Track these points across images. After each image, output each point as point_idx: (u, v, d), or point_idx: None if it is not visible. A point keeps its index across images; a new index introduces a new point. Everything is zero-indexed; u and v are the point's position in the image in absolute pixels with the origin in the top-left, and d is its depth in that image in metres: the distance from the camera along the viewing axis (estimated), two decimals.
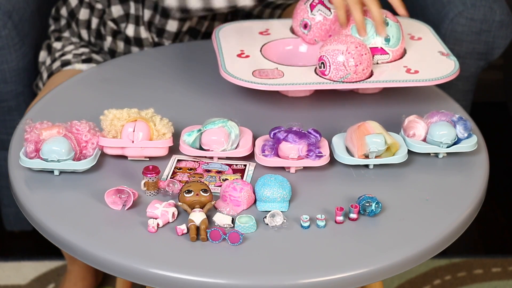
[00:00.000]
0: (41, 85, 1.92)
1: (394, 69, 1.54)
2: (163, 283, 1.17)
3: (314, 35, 1.62)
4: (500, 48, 2.05)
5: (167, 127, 1.39)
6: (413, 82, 1.50)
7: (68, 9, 1.97)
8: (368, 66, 1.49)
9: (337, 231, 1.25)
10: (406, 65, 1.55)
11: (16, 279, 2.13)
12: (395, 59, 1.56)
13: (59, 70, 1.84)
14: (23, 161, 1.35)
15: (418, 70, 1.52)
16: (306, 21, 1.61)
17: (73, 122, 1.39)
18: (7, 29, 1.96)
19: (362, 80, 1.49)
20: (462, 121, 1.42)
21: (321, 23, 1.60)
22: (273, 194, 1.28)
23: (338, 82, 1.48)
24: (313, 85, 1.49)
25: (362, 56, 1.48)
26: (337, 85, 1.49)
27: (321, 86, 1.49)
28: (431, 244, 1.24)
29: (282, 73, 1.51)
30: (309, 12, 1.61)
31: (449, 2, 2.05)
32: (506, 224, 2.38)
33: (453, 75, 1.51)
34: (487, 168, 1.41)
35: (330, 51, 1.48)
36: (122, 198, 1.29)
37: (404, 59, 1.57)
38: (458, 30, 2.02)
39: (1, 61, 1.99)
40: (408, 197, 1.33)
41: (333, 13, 1.60)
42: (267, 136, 1.41)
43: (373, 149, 1.35)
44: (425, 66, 1.54)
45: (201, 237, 1.22)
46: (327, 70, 1.48)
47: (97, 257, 1.21)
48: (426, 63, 1.55)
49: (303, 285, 1.17)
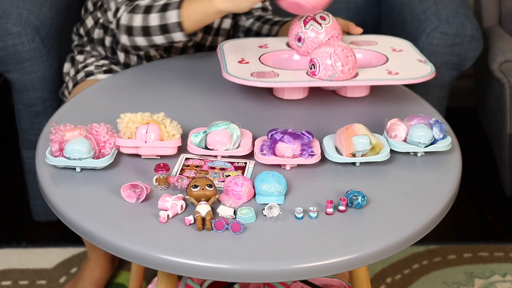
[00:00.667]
0: (66, 93, 1.91)
1: (377, 71, 1.55)
2: (172, 267, 1.16)
3: (307, 47, 1.61)
4: (471, 59, 2.04)
5: (176, 129, 1.38)
6: (394, 81, 1.51)
7: (85, 29, 1.97)
8: (353, 67, 1.50)
9: (327, 221, 1.24)
10: (388, 68, 1.55)
11: (43, 263, 2.12)
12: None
13: (83, 80, 1.83)
14: (48, 159, 1.34)
15: (398, 72, 1.53)
16: (300, 35, 1.61)
17: (93, 125, 1.38)
18: (35, 42, 1.96)
19: (348, 79, 1.49)
20: (438, 124, 1.41)
21: (313, 37, 1.60)
22: (270, 188, 1.27)
23: (327, 81, 1.49)
24: (304, 83, 1.50)
25: (348, 58, 1.49)
26: (325, 83, 1.50)
27: (311, 84, 1.50)
28: (410, 233, 1.23)
29: (277, 74, 1.52)
30: (303, 27, 1.61)
31: (426, 19, 2.04)
32: (476, 215, 2.37)
33: (430, 76, 1.52)
34: (460, 166, 1.40)
35: (320, 53, 1.50)
36: (136, 192, 1.28)
37: (386, 64, 1.58)
38: (434, 44, 2.02)
39: (30, 70, 1.99)
40: (391, 191, 1.32)
41: (324, 28, 1.60)
42: (265, 137, 1.41)
43: (359, 149, 1.34)
44: (405, 69, 1.55)
45: (207, 227, 1.21)
46: (317, 70, 1.50)
47: (114, 245, 1.20)
48: (406, 68, 1.56)
49: (297, 270, 1.16)
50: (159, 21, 1.59)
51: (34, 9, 1.99)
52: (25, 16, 1.96)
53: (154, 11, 1.60)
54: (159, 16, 1.59)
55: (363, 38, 1.71)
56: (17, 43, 1.95)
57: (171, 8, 1.58)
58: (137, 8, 1.62)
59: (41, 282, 2.06)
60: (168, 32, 1.60)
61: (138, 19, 1.61)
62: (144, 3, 1.64)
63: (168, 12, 1.58)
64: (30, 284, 2.05)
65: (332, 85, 1.51)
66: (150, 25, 1.61)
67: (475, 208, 2.41)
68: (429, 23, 2.02)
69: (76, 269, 2.10)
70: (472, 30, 2.00)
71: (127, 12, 1.63)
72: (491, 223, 2.34)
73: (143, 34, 1.62)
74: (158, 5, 1.61)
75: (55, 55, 2.03)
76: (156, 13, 1.60)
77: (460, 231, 2.22)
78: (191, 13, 1.58)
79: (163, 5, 1.60)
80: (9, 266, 2.11)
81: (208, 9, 1.55)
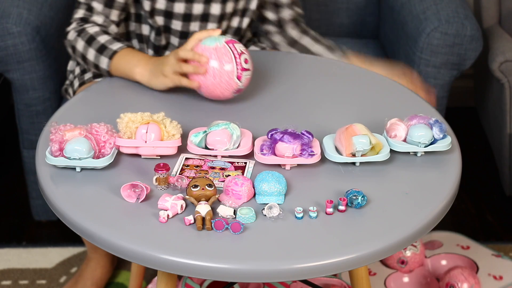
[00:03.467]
0: (71, 91, 1.90)
1: None
2: (172, 267, 1.16)
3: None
4: (471, 59, 2.04)
5: (176, 129, 1.38)
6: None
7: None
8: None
9: (327, 221, 1.24)
10: None
11: (43, 263, 2.12)
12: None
13: (90, 80, 1.83)
14: (48, 159, 1.34)
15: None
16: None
17: (93, 125, 1.38)
18: (35, 42, 1.96)
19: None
20: (438, 124, 1.41)
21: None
22: (270, 188, 1.27)
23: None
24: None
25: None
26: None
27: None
28: (410, 233, 1.23)
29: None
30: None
31: (426, 19, 2.04)
32: (476, 215, 2.37)
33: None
34: (460, 166, 1.40)
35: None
36: (136, 192, 1.28)
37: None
38: (434, 44, 2.01)
39: (30, 70, 1.99)
40: (390, 191, 1.32)
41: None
42: (265, 137, 1.41)
43: (359, 149, 1.34)
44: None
45: (207, 227, 1.21)
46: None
47: (113, 244, 1.19)
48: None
49: (297, 269, 1.16)
50: (93, 59, 1.68)
51: (34, 9, 1.99)
52: (25, 16, 1.96)
53: (93, 47, 1.68)
54: (95, 54, 1.68)
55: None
56: (17, 43, 1.95)
57: (104, 54, 1.67)
58: (83, 33, 1.70)
59: (41, 281, 2.06)
60: (99, 70, 1.70)
61: (81, 45, 1.70)
62: (91, 31, 1.70)
63: (102, 57, 1.67)
64: (30, 284, 2.05)
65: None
66: (87, 57, 1.69)
67: (475, 208, 2.41)
68: (429, 23, 2.02)
69: (76, 269, 2.10)
70: (472, 30, 2.00)
71: (75, 31, 1.71)
72: (491, 223, 2.34)
73: (82, 59, 1.72)
74: (98, 42, 1.68)
75: (55, 55, 2.03)
76: (94, 50, 1.68)
77: (460, 231, 2.21)
78: (118, 68, 1.66)
79: (101, 46, 1.68)
80: (9, 266, 2.11)
81: (130, 75, 1.65)
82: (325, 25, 2.45)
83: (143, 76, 1.62)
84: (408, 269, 1.91)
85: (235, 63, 1.50)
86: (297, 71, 1.71)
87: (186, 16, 1.76)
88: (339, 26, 2.46)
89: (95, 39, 1.68)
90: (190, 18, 1.76)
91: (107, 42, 1.68)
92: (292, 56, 1.80)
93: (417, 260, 1.91)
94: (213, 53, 1.50)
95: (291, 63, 1.73)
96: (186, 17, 1.76)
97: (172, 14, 1.76)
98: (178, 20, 1.76)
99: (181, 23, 1.77)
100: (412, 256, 1.90)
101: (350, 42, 2.37)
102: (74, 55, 1.73)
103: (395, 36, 2.22)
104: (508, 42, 2.29)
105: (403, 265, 1.90)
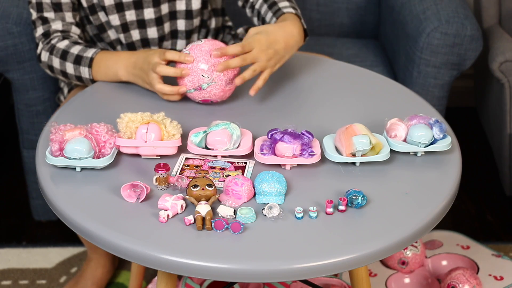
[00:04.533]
0: (62, 98, 1.91)
1: None
2: (172, 267, 1.16)
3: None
4: (471, 59, 2.04)
5: (177, 128, 1.38)
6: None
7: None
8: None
9: (327, 221, 1.24)
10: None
11: (43, 263, 2.12)
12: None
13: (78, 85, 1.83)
14: (48, 159, 1.34)
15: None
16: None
17: (93, 125, 1.38)
18: (35, 42, 1.96)
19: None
20: (438, 124, 1.41)
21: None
22: (270, 188, 1.27)
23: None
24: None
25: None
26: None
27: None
28: (410, 233, 1.23)
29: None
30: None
31: (426, 19, 2.04)
32: (476, 215, 2.37)
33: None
34: (460, 166, 1.40)
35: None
36: (136, 192, 1.28)
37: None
38: (434, 43, 2.01)
39: (30, 70, 1.99)
40: (390, 191, 1.32)
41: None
42: (265, 137, 1.41)
43: (359, 148, 1.34)
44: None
45: (207, 227, 1.21)
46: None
47: (113, 244, 1.19)
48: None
49: (297, 270, 1.16)
50: (73, 71, 1.68)
51: None
52: (25, 16, 1.96)
53: (69, 60, 1.67)
54: (73, 67, 1.67)
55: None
56: (17, 43, 1.95)
57: (83, 64, 1.66)
58: (54, 50, 1.69)
59: (41, 281, 2.06)
60: (83, 81, 1.69)
61: (57, 63, 1.69)
62: (62, 46, 1.69)
63: (81, 67, 1.66)
64: (30, 284, 2.05)
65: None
66: (67, 72, 1.69)
67: (475, 208, 2.41)
68: (429, 23, 2.02)
69: (76, 269, 2.10)
70: (472, 30, 2.00)
71: (46, 51, 1.70)
72: (491, 223, 2.34)
73: (62, 75, 1.71)
74: (72, 54, 1.67)
75: None
76: (71, 63, 1.67)
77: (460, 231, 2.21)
78: (100, 74, 1.66)
79: (76, 57, 1.67)
80: (9, 266, 2.11)
81: (114, 79, 1.65)
82: (325, 25, 2.45)
83: (129, 79, 1.63)
84: (409, 270, 1.91)
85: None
86: (297, 71, 1.71)
87: (118, 5, 1.74)
88: (339, 26, 2.46)
89: (68, 52, 1.68)
90: (123, 7, 1.74)
91: (81, 51, 1.67)
92: (292, 56, 1.80)
93: (418, 261, 1.91)
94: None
95: (291, 63, 1.73)
96: (118, 7, 1.74)
97: (105, 8, 1.74)
98: (113, 14, 1.75)
99: (116, 15, 1.75)
100: (412, 257, 1.90)
101: (350, 42, 2.38)
102: (54, 74, 1.72)
103: (395, 36, 2.22)
104: (508, 42, 2.29)
105: (403, 265, 1.90)
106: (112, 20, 1.76)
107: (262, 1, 1.79)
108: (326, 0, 2.43)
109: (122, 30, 1.77)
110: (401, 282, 1.90)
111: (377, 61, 2.25)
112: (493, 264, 1.93)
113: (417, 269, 1.92)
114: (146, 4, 1.76)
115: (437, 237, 2.06)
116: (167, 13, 1.79)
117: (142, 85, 1.61)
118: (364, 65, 2.19)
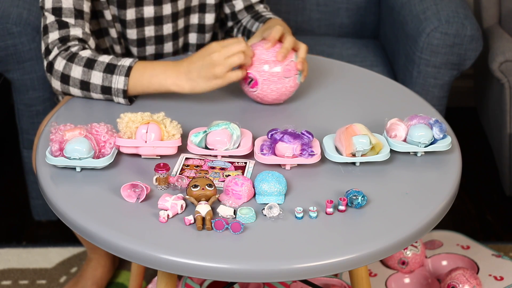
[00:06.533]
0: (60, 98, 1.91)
1: None
2: (172, 267, 1.16)
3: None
4: (471, 59, 2.04)
5: (177, 128, 1.38)
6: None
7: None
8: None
9: (327, 221, 1.24)
10: None
11: (43, 263, 2.12)
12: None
13: None
14: (49, 159, 1.34)
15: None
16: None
17: (93, 124, 1.38)
18: (35, 42, 1.96)
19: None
20: (438, 124, 1.41)
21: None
22: (270, 188, 1.27)
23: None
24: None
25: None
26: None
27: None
28: (410, 233, 1.23)
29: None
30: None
31: (426, 19, 2.04)
32: (476, 215, 2.37)
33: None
34: (460, 166, 1.40)
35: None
36: (136, 192, 1.28)
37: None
38: (434, 43, 2.02)
39: (30, 70, 1.99)
40: (391, 191, 1.32)
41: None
42: (265, 137, 1.41)
43: (359, 148, 1.34)
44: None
45: (207, 227, 1.21)
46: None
47: (114, 244, 1.19)
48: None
49: (297, 270, 1.16)
50: (101, 81, 1.53)
51: (34, 9, 1.99)
52: (25, 16, 1.96)
53: (98, 69, 1.53)
54: (102, 76, 1.52)
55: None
56: (17, 43, 1.95)
57: (118, 73, 1.52)
58: (77, 59, 1.54)
59: (41, 281, 2.06)
60: (110, 94, 1.54)
61: (78, 71, 1.54)
62: (86, 54, 1.55)
63: (115, 76, 1.52)
64: (30, 284, 2.05)
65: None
66: (91, 82, 1.53)
67: (475, 208, 2.41)
68: (429, 23, 2.02)
69: (76, 269, 2.10)
70: (472, 30, 2.00)
71: (64, 58, 1.55)
72: (491, 223, 2.34)
73: (81, 87, 1.55)
74: (102, 62, 1.53)
75: None
76: (100, 71, 1.53)
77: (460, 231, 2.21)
78: (140, 84, 1.53)
79: (108, 65, 1.53)
80: (9, 266, 2.11)
81: (159, 89, 1.53)
82: (325, 25, 2.45)
83: (180, 87, 1.50)
84: (409, 270, 1.91)
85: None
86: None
87: (139, 20, 1.73)
88: (339, 26, 2.46)
89: (96, 61, 1.54)
90: (143, 22, 1.74)
91: (112, 60, 1.54)
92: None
93: (418, 261, 1.91)
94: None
95: None
96: (139, 22, 1.73)
97: (125, 22, 1.72)
98: (133, 28, 1.74)
99: (135, 30, 1.74)
100: (412, 257, 1.90)
101: (350, 42, 2.38)
102: (66, 85, 1.56)
103: (395, 36, 2.22)
104: (508, 42, 2.29)
105: (404, 265, 1.90)
106: (130, 34, 1.74)
107: (250, 17, 1.83)
108: (326, 0, 2.43)
109: (137, 44, 1.77)
110: (401, 282, 1.90)
111: (377, 61, 2.26)
112: (493, 264, 1.93)
113: (417, 269, 1.92)
114: (165, 20, 1.75)
115: (437, 237, 2.06)
116: (183, 28, 1.81)
117: (204, 87, 1.50)
118: (364, 65, 2.19)
